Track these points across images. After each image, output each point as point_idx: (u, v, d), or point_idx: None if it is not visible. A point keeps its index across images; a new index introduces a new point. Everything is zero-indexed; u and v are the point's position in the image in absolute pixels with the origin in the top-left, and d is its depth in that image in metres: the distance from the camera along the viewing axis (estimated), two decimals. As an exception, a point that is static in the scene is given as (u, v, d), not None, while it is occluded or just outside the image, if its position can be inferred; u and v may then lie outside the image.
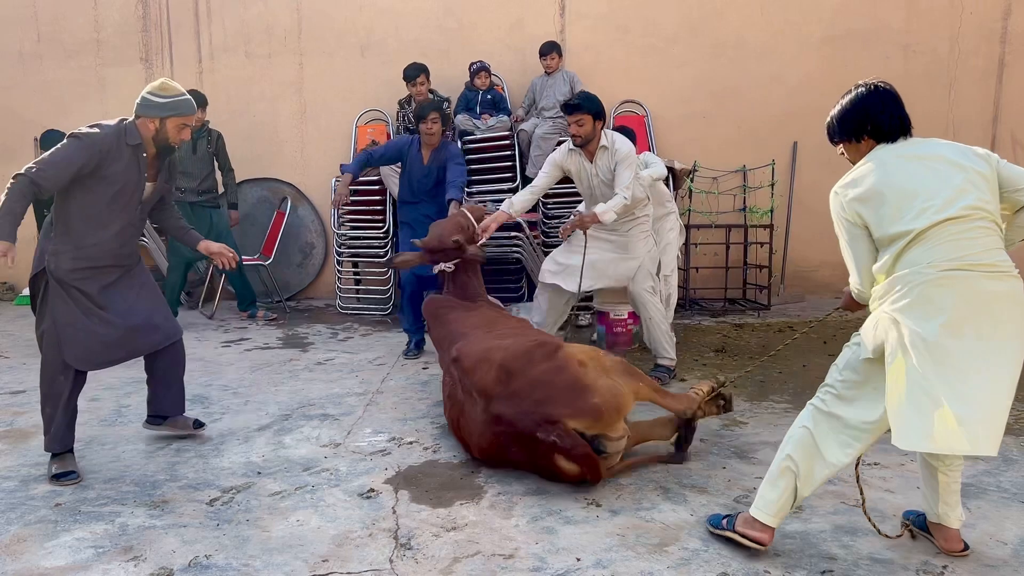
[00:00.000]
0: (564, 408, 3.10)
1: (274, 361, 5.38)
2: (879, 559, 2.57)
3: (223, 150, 6.80)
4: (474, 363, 3.47)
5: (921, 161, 2.41)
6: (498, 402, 3.24)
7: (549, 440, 3.07)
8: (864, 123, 2.54)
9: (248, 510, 3.03)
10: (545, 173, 4.72)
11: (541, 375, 3.23)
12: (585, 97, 4.54)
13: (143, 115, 3.27)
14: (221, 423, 4.07)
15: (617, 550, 2.67)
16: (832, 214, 2.54)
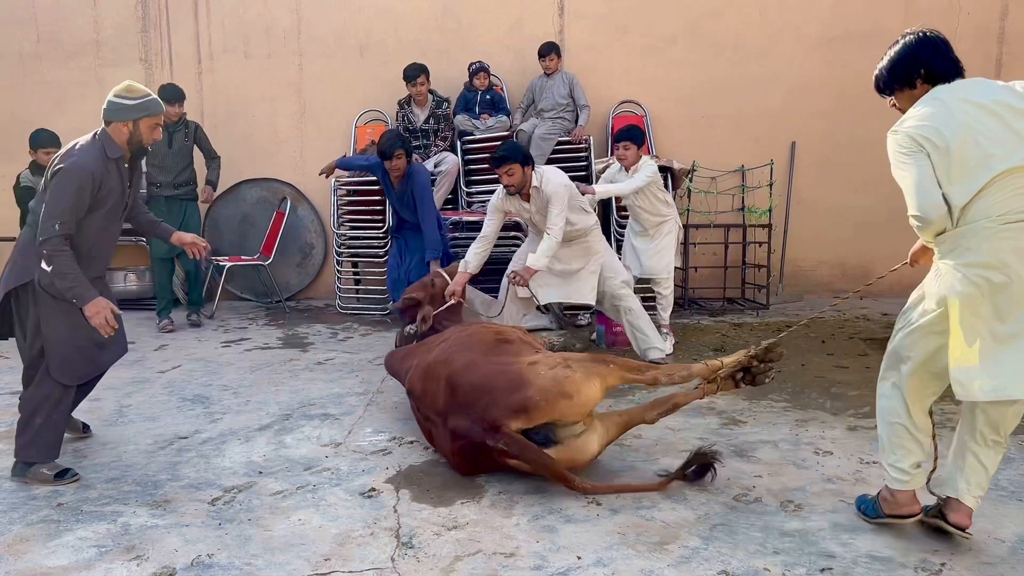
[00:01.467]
0: (502, 410, 3.06)
1: (274, 361, 5.39)
2: (878, 556, 2.58)
3: (204, 140, 6.71)
4: (422, 387, 3.52)
5: (981, 108, 2.39)
6: (452, 417, 3.25)
7: (498, 447, 3.06)
8: (917, 68, 2.55)
9: (250, 509, 3.04)
10: (490, 220, 4.96)
11: (483, 380, 3.21)
12: (510, 148, 4.79)
13: (114, 119, 3.23)
14: (222, 423, 4.08)
15: (618, 548, 2.68)
16: (890, 153, 2.51)
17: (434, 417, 3.40)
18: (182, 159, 6.55)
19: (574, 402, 3.08)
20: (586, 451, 3.17)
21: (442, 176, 6.63)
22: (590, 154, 6.76)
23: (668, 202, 5.65)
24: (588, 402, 3.13)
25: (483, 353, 3.43)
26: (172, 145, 6.44)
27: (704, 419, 4.00)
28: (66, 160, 3.15)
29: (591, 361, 3.28)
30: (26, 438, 3.29)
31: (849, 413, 4.04)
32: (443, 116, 6.86)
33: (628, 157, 5.41)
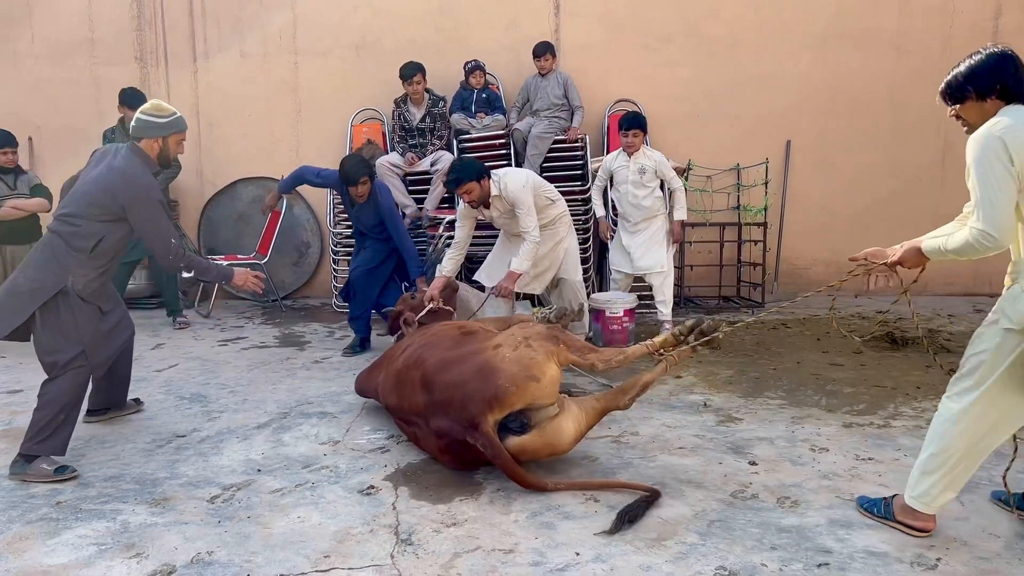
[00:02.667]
0: (477, 404, 3.06)
1: (271, 360, 5.39)
2: (874, 552, 2.61)
3: None
4: (397, 393, 3.55)
5: None
6: (433, 418, 3.26)
7: (476, 446, 3.08)
8: (995, 82, 2.54)
9: (249, 507, 3.05)
10: (461, 227, 5.17)
11: (455, 376, 3.22)
12: (461, 169, 4.88)
13: (145, 136, 3.48)
14: (220, 421, 4.08)
15: (616, 544, 2.69)
16: (977, 156, 2.46)
17: (416, 420, 3.42)
18: None
19: (542, 384, 3.10)
20: (562, 434, 3.15)
21: (438, 175, 6.62)
22: (586, 153, 6.77)
23: (664, 199, 5.73)
24: (554, 381, 3.14)
25: (449, 348, 3.45)
26: None
27: (700, 416, 4.02)
28: (138, 187, 3.42)
29: (546, 339, 3.23)
30: (47, 433, 3.35)
31: (844, 410, 4.06)
32: (439, 115, 6.87)
33: (636, 144, 5.64)
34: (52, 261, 3.40)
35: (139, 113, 3.53)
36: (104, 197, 3.42)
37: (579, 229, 6.54)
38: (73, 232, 3.41)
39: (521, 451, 3.12)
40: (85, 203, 3.44)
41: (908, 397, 4.24)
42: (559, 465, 3.37)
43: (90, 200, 3.43)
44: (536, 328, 3.34)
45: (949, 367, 4.79)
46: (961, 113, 2.66)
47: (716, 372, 4.84)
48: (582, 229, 6.57)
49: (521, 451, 3.12)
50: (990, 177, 2.43)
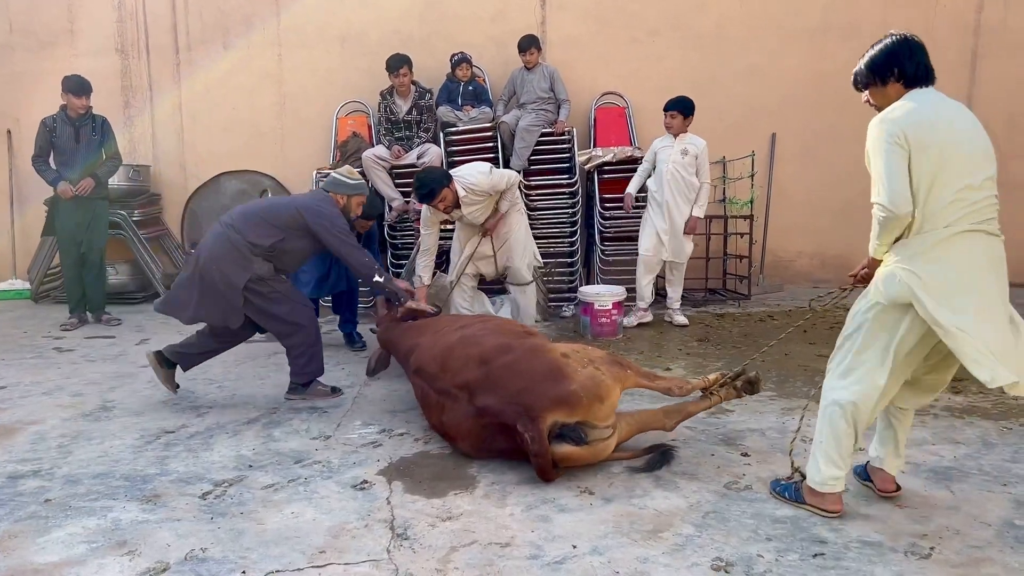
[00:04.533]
0: (542, 399, 3.09)
1: (258, 354, 5.35)
2: (868, 541, 2.63)
3: (110, 135, 6.32)
4: (441, 364, 3.54)
5: (956, 118, 2.57)
6: (482, 395, 3.26)
7: (525, 436, 3.08)
8: (891, 66, 2.67)
9: (242, 503, 3.02)
10: (429, 233, 5.28)
11: (519, 364, 3.26)
12: (427, 181, 4.94)
13: (333, 191, 4.22)
14: (208, 417, 4.04)
15: (612, 537, 2.70)
16: (872, 140, 2.61)
17: (456, 392, 3.40)
18: (91, 154, 6.18)
19: (604, 406, 3.18)
20: (605, 453, 3.24)
21: (425, 168, 6.60)
22: (573, 146, 6.76)
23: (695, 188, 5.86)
24: (613, 406, 3.26)
25: (514, 337, 3.53)
26: (79, 140, 6.09)
27: (692, 408, 4.03)
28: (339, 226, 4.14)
29: (612, 364, 3.35)
30: (307, 358, 4.16)
31: (834, 401, 4.09)
32: (426, 107, 6.83)
33: (675, 126, 5.76)
34: (231, 254, 4.01)
35: (334, 172, 4.28)
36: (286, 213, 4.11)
37: (566, 222, 6.56)
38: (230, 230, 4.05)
39: (566, 459, 3.14)
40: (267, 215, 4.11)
41: (896, 388, 4.27)
42: (553, 458, 3.37)
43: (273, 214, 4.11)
44: (598, 352, 3.43)
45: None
46: (870, 99, 2.79)
47: (705, 364, 4.86)
48: (569, 223, 6.57)
49: (566, 459, 3.14)
50: (884, 157, 2.57)
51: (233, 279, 3.99)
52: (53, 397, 4.42)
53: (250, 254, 4.01)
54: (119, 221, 7.14)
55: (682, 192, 5.76)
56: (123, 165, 7.33)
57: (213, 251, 4.02)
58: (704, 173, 5.79)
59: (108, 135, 6.31)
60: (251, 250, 4.01)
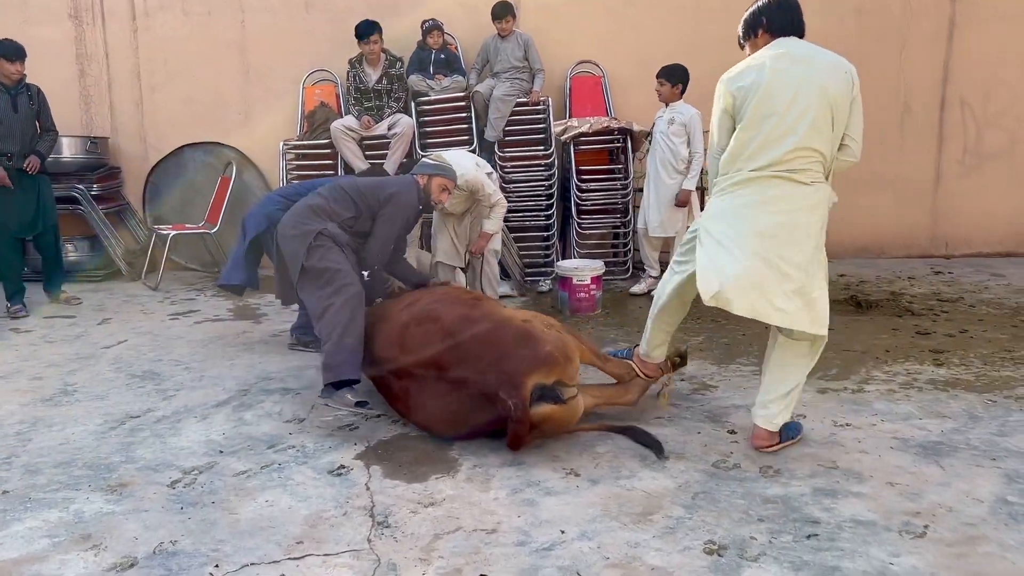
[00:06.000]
0: (521, 363, 3.08)
1: (226, 334, 5.17)
2: (861, 521, 2.58)
3: (45, 107, 5.91)
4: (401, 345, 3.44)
5: (801, 71, 2.89)
6: (455, 368, 3.19)
7: (509, 402, 3.02)
8: (759, 20, 3.06)
9: (213, 491, 2.89)
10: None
11: (490, 333, 3.22)
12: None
13: (419, 172, 4.04)
14: (176, 400, 3.88)
15: (601, 520, 2.62)
16: (715, 98, 3.06)
17: (421, 371, 3.31)
18: (30, 126, 5.80)
19: (573, 365, 3.24)
20: (579, 411, 3.24)
21: (396, 139, 6.41)
22: (548, 116, 6.60)
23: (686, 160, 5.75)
24: (578, 367, 3.30)
25: (468, 307, 3.46)
26: (18, 110, 5.70)
27: (675, 385, 3.96)
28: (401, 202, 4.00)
29: (567, 331, 3.43)
30: (342, 356, 3.49)
31: (818, 376, 4.04)
32: (396, 76, 6.62)
33: (663, 93, 5.70)
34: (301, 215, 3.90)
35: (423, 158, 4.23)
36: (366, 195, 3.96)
37: (543, 195, 6.44)
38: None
39: (546, 419, 3.11)
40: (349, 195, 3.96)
41: (879, 361, 4.24)
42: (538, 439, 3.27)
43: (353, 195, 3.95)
44: (553, 320, 3.53)
45: (916, 330, 4.85)
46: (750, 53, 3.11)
47: (686, 339, 4.79)
48: (545, 195, 6.44)
49: (546, 419, 3.11)
50: (714, 113, 3.07)
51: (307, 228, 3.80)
52: (10, 381, 4.21)
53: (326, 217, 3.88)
54: (76, 196, 6.86)
55: (666, 163, 5.65)
56: (80, 137, 7.05)
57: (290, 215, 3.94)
58: (697, 143, 5.66)
59: (44, 106, 5.92)
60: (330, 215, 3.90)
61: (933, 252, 7.34)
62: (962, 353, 4.33)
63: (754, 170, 2.91)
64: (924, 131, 7.14)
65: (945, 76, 7.05)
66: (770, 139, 2.87)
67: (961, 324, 4.93)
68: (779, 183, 2.90)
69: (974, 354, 4.32)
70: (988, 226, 7.21)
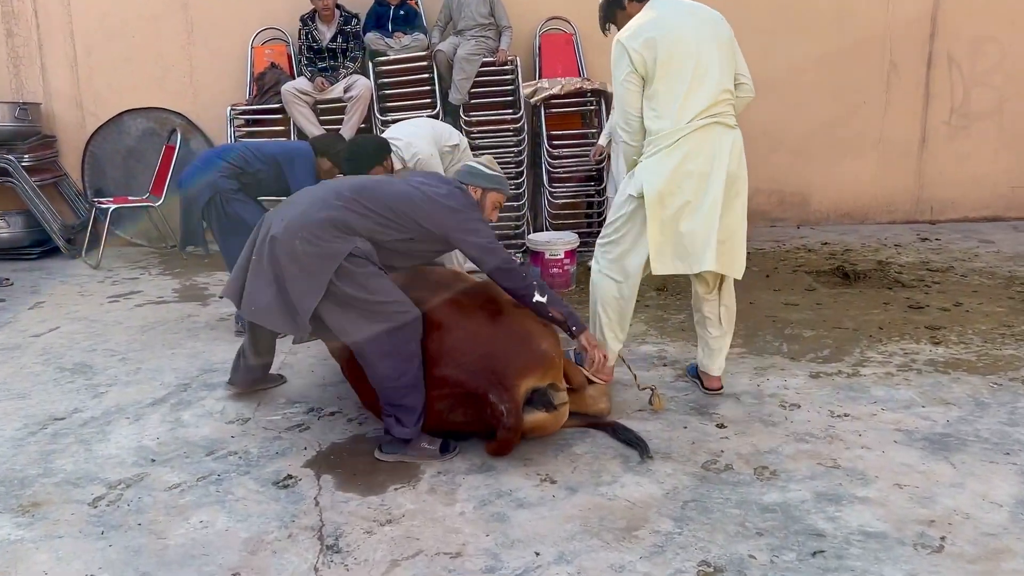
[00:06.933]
0: (515, 363, 2.77)
1: (169, 318, 4.75)
2: (871, 533, 2.30)
3: None
4: None
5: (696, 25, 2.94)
6: (442, 365, 2.83)
7: (499, 408, 2.70)
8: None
9: (140, 510, 2.54)
10: None
11: (484, 330, 2.87)
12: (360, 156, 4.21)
13: (470, 183, 3.22)
14: (107, 398, 3.50)
15: (580, 538, 2.32)
16: (612, 63, 2.95)
17: None
18: None
19: (560, 368, 2.93)
20: (565, 418, 2.92)
21: (353, 102, 5.97)
22: (517, 77, 6.18)
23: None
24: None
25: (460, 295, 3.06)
26: None
27: (657, 371, 3.66)
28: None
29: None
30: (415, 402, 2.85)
31: (809, 358, 3.77)
32: (352, 34, 6.15)
33: None
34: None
35: (470, 162, 3.33)
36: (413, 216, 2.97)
37: (512, 162, 6.05)
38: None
39: (536, 428, 2.83)
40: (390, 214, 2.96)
41: (872, 340, 3.97)
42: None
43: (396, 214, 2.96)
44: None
45: (908, 304, 4.59)
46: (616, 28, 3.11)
47: (666, 317, 4.48)
48: (515, 162, 6.06)
49: (536, 428, 2.83)
50: (615, 79, 2.96)
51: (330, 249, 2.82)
52: (-79, 378, 3.79)
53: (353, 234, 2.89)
54: (6, 167, 6.32)
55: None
56: (8, 103, 6.49)
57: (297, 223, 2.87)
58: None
59: None
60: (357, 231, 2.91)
61: (917, 217, 7.08)
62: (959, 329, 4.08)
63: (690, 121, 2.88)
64: (910, 90, 6.83)
65: (933, 31, 6.73)
66: (695, 86, 2.88)
67: (954, 296, 4.68)
68: (715, 130, 2.92)
69: (972, 330, 4.06)
70: (974, 189, 6.97)
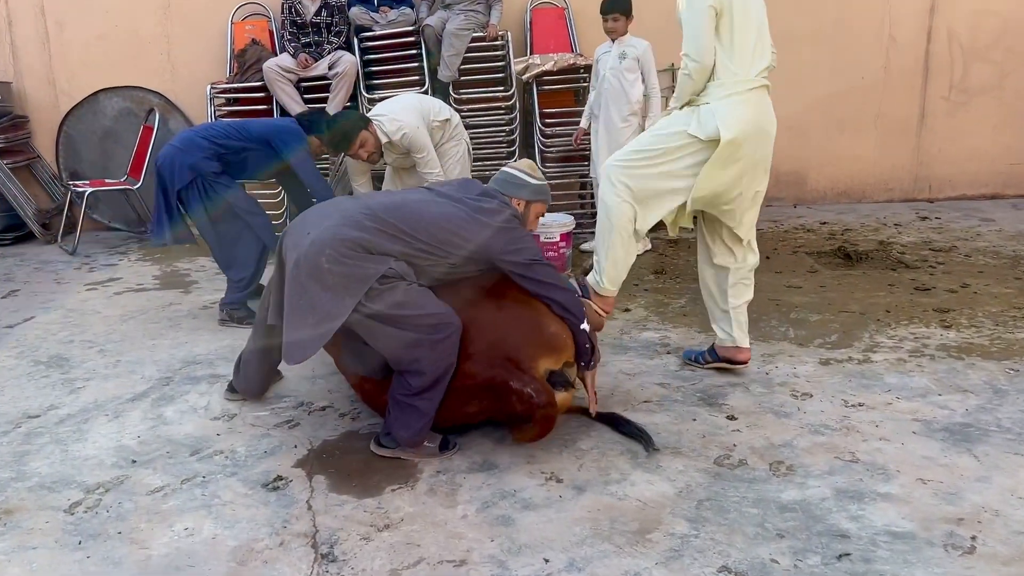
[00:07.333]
0: (530, 350, 2.64)
1: (150, 307, 4.56)
2: (898, 533, 2.18)
3: None
4: None
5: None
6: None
7: (525, 392, 2.55)
8: None
9: (121, 517, 2.38)
10: (361, 182, 4.83)
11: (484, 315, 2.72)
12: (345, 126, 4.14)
13: (512, 195, 2.89)
14: (85, 393, 3.32)
15: (591, 543, 2.18)
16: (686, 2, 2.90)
17: None
18: None
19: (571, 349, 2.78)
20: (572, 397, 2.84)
21: (338, 79, 5.76)
22: (508, 53, 5.99)
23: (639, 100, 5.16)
24: None
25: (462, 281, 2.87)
26: None
27: (660, 360, 3.53)
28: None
29: None
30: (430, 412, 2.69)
31: (817, 343, 3.64)
32: (337, 8, 5.92)
33: (618, 29, 5.09)
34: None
35: (511, 168, 2.98)
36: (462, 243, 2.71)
37: (504, 142, 5.87)
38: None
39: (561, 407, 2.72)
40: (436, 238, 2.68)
41: (881, 324, 3.85)
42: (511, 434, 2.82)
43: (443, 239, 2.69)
44: None
45: (914, 285, 4.47)
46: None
47: (667, 302, 4.34)
48: (506, 141, 5.88)
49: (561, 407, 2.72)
50: (693, 10, 2.89)
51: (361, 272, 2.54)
52: None
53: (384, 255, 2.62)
54: (-25, 150, 6.08)
55: (618, 102, 5.06)
56: (-23, 82, 6.23)
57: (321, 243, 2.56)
58: (653, 79, 5.12)
59: None
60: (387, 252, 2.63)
61: (916, 195, 6.96)
62: (969, 312, 3.96)
63: (757, 75, 2.94)
64: (909, 65, 6.68)
65: (933, 6, 6.57)
66: (759, 43, 2.94)
67: (960, 277, 4.57)
68: (766, 94, 3.01)
69: (982, 313, 3.95)
70: (973, 167, 6.85)
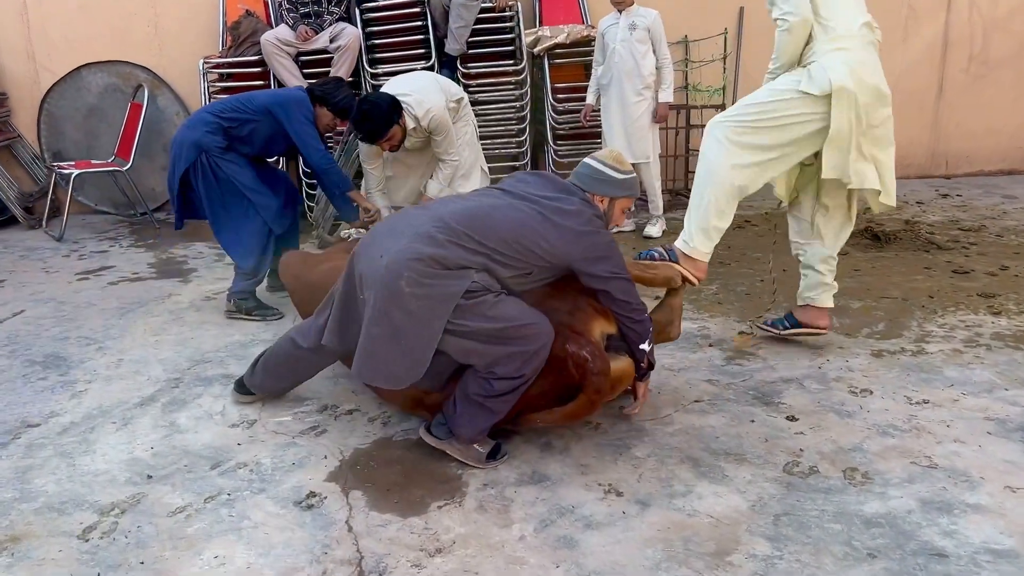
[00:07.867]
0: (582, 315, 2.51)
1: (148, 298, 4.29)
2: (999, 551, 2.00)
3: None
4: None
5: None
6: None
7: (581, 354, 2.37)
8: None
9: (141, 543, 2.15)
10: (373, 166, 4.48)
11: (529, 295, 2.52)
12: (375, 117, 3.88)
13: (595, 192, 2.63)
14: (87, 397, 3.08)
15: (667, 567, 1.99)
16: None
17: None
18: None
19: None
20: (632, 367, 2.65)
21: (340, 52, 5.47)
22: (518, 25, 5.73)
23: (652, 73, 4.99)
24: None
25: None
26: None
27: (704, 353, 3.33)
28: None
29: None
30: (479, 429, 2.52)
31: (865, 333, 3.46)
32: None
33: (625, 1, 4.90)
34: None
35: (593, 159, 2.69)
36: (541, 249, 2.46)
37: (514, 118, 5.62)
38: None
39: (621, 379, 2.54)
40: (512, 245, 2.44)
41: (926, 311, 3.68)
42: (558, 441, 2.62)
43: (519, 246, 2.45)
44: None
45: (951, 268, 4.30)
46: None
47: (699, 288, 4.13)
48: (516, 118, 5.63)
49: (621, 379, 2.54)
50: None
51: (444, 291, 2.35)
52: None
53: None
54: (-48, 129, 5.74)
55: (631, 76, 4.86)
56: (-49, 57, 5.87)
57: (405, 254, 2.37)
58: (663, 49, 4.93)
59: None
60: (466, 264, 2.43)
61: (932, 172, 6.80)
62: (1015, 297, 3.80)
63: (860, 28, 2.94)
64: (928, 36, 6.48)
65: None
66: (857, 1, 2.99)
67: (997, 259, 4.40)
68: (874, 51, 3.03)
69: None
70: (991, 142, 6.69)
